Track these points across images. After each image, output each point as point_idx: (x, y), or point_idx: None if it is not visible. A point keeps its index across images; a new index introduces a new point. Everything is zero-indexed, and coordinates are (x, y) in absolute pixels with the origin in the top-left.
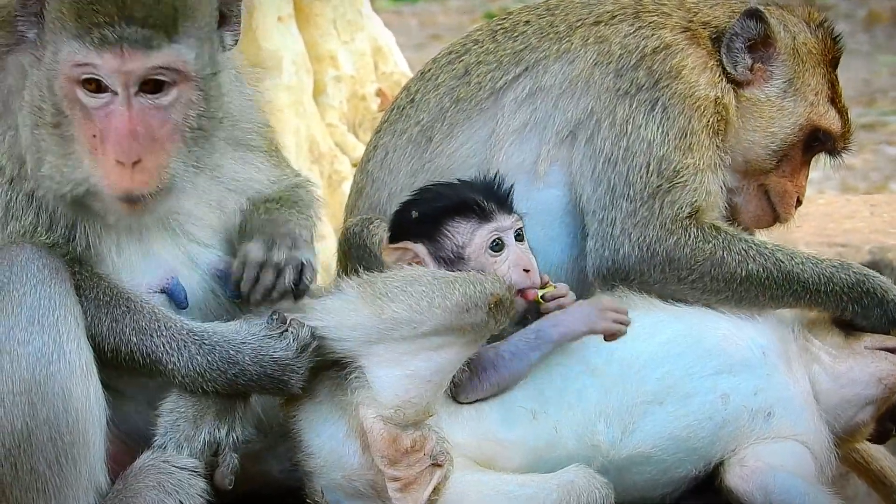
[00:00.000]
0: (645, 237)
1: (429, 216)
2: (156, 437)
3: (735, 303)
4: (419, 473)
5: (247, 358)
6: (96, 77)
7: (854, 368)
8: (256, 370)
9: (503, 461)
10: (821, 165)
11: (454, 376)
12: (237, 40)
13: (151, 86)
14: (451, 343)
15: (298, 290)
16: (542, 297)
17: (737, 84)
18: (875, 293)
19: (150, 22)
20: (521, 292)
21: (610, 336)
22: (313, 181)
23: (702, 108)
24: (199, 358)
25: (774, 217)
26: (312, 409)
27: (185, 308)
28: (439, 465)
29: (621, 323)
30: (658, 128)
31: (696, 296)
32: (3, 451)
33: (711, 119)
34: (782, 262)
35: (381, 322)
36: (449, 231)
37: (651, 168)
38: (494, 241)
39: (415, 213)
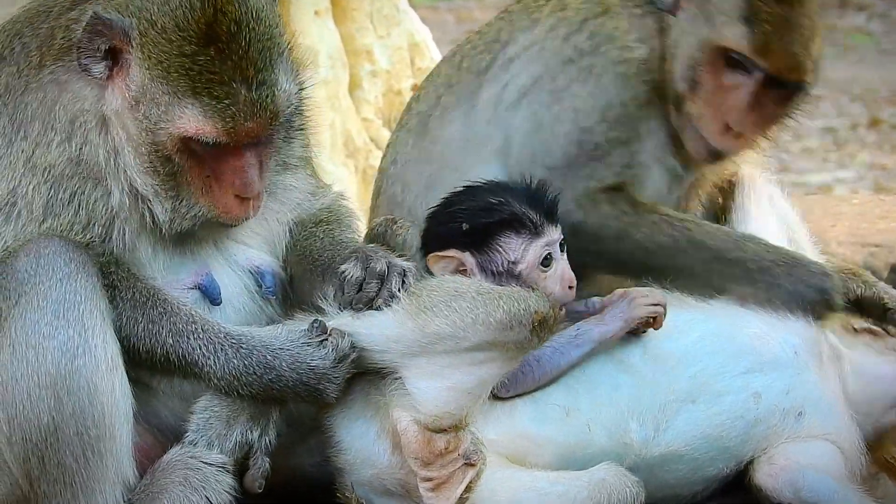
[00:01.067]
0: None
1: (480, 229)
2: (187, 434)
3: (644, 274)
4: (452, 473)
5: (284, 364)
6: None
7: (881, 366)
8: (293, 377)
9: (534, 458)
10: (855, 164)
11: None
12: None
13: None
14: (493, 358)
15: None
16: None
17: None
18: (783, 265)
19: (265, 87)
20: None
21: (651, 323)
22: (346, 194)
23: (632, 75)
24: (235, 361)
25: (708, 147)
26: (346, 406)
27: (218, 304)
28: (472, 465)
29: (657, 304)
30: (588, 97)
31: (606, 268)
32: (31, 445)
33: (640, 88)
34: (690, 231)
35: (424, 336)
36: (501, 246)
37: (573, 139)
38: (545, 255)
39: (465, 226)
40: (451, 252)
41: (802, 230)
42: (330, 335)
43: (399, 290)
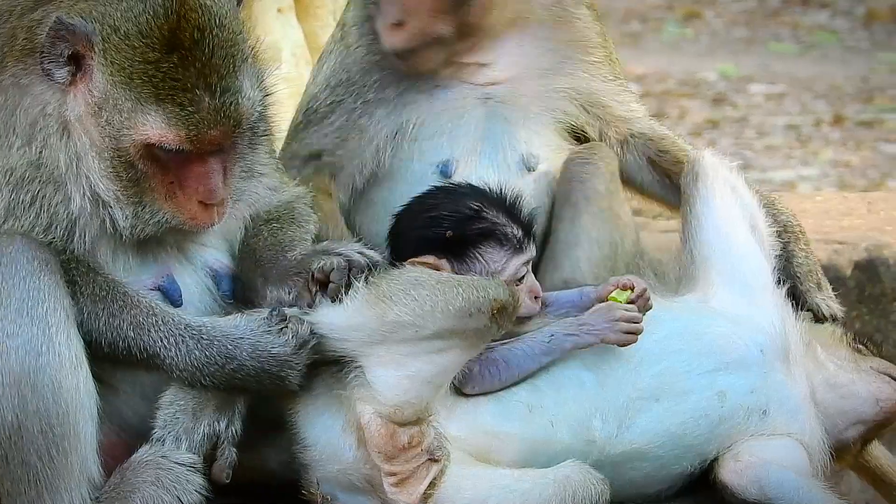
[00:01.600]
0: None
1: (466, 239)
2: (154, 431)
3: None
4: (416, 469)
5: (245, 353)
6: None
7: (856, 382)
8: (254, 365)
9: (498, 455)
10: (819, 161)
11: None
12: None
13: None
14: (453, 347)
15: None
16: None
17: None
18: None
19: (229, 94)
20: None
21: (622, 345)
22: (305, 194)
23: None
24: (196, 352)
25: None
26: (310, 402)
27: (179, 306)
28: (436, 461)
29: (633, 332)
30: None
31: None
32: None
33: None
34: None
35: (384, 325)
36: (483, 256)
37: (301, 105)
38: (524, 272)
39: (450, 233)
40: (429, 258)
41: (763, 222)
42: (289, 322)
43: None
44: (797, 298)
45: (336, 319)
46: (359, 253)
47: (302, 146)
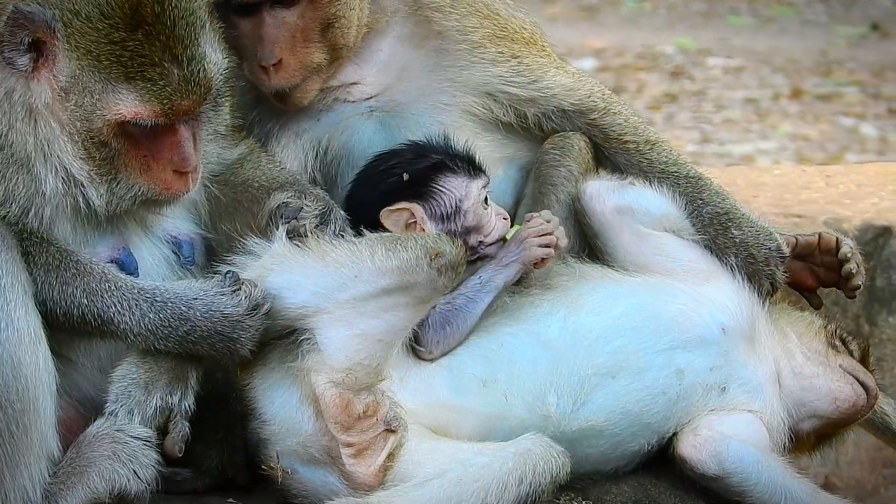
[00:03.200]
0: None
1: (422, 175)
2: (107, 404)
3: None
4: (373, 439)
5: (198, 314)
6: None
7: (820, 377)
8: (207, 326)
9: (455, 428)
10: (778, 135)
11: (413, 336)
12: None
13: None
14: (400, 303)
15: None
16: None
17: None
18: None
19: (195, 62)
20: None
21: (540, 263)
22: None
23: None
24: (150, 315)
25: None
26: (265, 376)
27: (135, 277)
28: (393, 431)
29: (548, 245)
30: None
31: None
32: None
33: None
34: None
35: (325, 265)
36: (445, 187)
37: None
38: (486, 195)
39: (406, 175)
40: (401, 204)
41: (677, 217)
42: (243, 285)
43: (335, 232)
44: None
45: (286, 275)
46: (311, 200)
47: None
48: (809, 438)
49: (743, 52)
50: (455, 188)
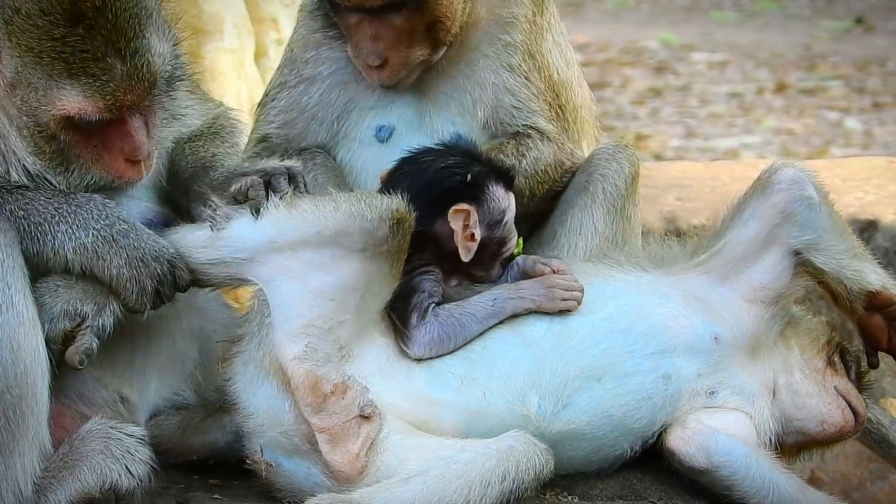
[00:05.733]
0: None
1: (479, 180)
2: None
3: None
4: (345, 424)
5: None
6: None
7: (813, 397)
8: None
9: (436, 423)
10: (762, 129)
11: (408, 331)
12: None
13: None
14: (350, 256)
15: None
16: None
17: None
18: None
19: (139, 56)
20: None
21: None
22: (235, 108)
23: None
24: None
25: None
26: (244, 371)
27: None
28: (367, 418)
29: (573, 300)
30: None
31: None
32: None
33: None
34: None
35: (289, 223)
36: (496, 196)
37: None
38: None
39: (470, 176)
40: (463, 206)
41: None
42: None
43: (287, 191)
44: None
45: (246, 229)
46: (279, 165)
47: (253, 133)
48: (791, 450)
49: (727, 46)
50: (500, 198)
